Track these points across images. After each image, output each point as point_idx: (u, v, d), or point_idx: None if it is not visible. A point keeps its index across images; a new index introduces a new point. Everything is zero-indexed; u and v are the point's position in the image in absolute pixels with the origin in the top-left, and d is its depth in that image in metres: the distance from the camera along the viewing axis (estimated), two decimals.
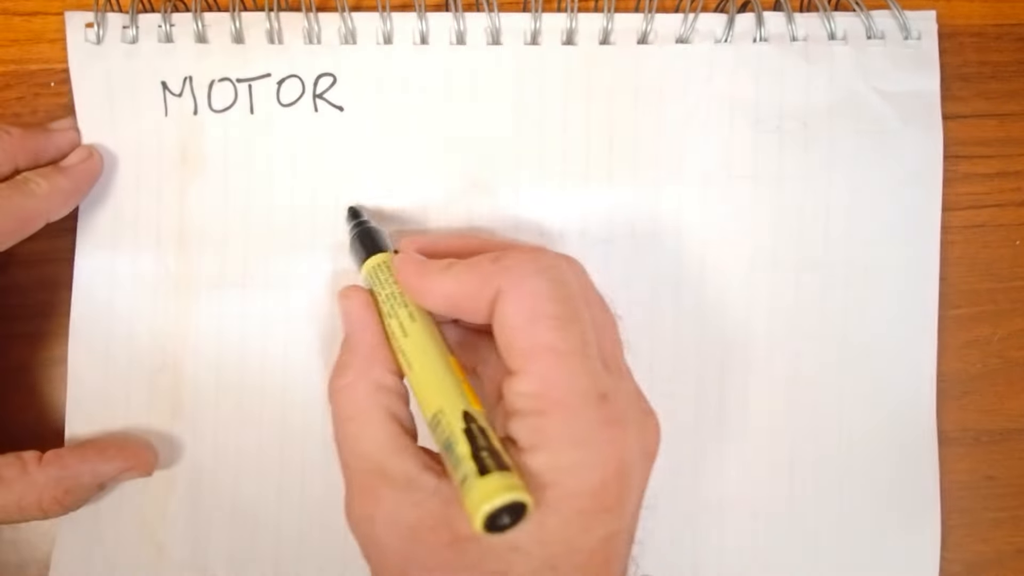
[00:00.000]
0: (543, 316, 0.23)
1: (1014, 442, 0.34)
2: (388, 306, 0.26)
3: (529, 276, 0.24)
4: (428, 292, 0.25)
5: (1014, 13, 0.35)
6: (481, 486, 0.21)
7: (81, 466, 0.29)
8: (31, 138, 0.30)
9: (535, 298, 0.23)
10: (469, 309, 0.24)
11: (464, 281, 0.24)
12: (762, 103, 0.32)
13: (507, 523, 0.21)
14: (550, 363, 0.22)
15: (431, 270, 0.25)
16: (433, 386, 0.24)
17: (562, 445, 0.22)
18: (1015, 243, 0.34)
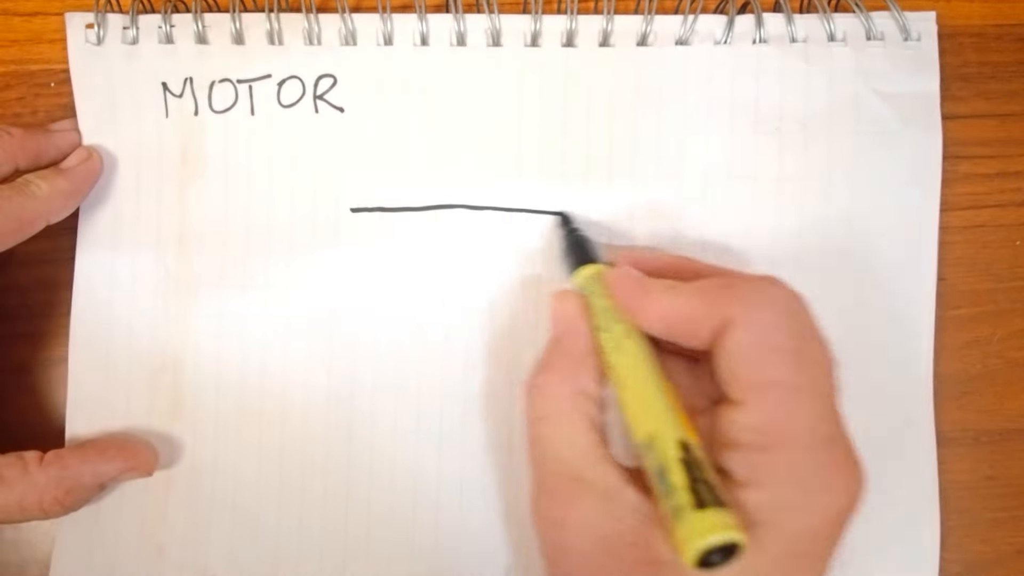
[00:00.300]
0: (776, 349, 0.22)
1: (1014, 442, 0.34)
2: (602, 319, 0.25)
3: (764, 307, 0.23)
4: (646, 312, 0.25)
5: (1014, 13, 0.35)
6: (697, 521, 0.20)
7: (82, 466, 0.29)
8: (32, 139, 0.30)
9: (769, 330, 0.23)
10: (688, 333, 0.24)
11: (689, 305, 0.24)
12: (762, 104, 0.32)
13: (717, 560, 0.20)
14: (780, 399, 0.22)
15: (652, 289, 0.25)
16: (647, 408, 0.23)
17: (785, 485, 0.21)
18: (1015, 243, 0.34)
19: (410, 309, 0.32)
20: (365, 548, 0.31)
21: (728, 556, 0.20)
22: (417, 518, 0.31)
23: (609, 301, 0.26)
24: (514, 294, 0.32)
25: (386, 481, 0.32)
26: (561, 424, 0.24)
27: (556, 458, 0.24)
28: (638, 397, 0.24)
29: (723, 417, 0.23)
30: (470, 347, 0.32)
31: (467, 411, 0.32)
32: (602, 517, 0.23)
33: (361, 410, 0.32)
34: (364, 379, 0.32)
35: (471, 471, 0.32)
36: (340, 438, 0.32)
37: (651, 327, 0.25)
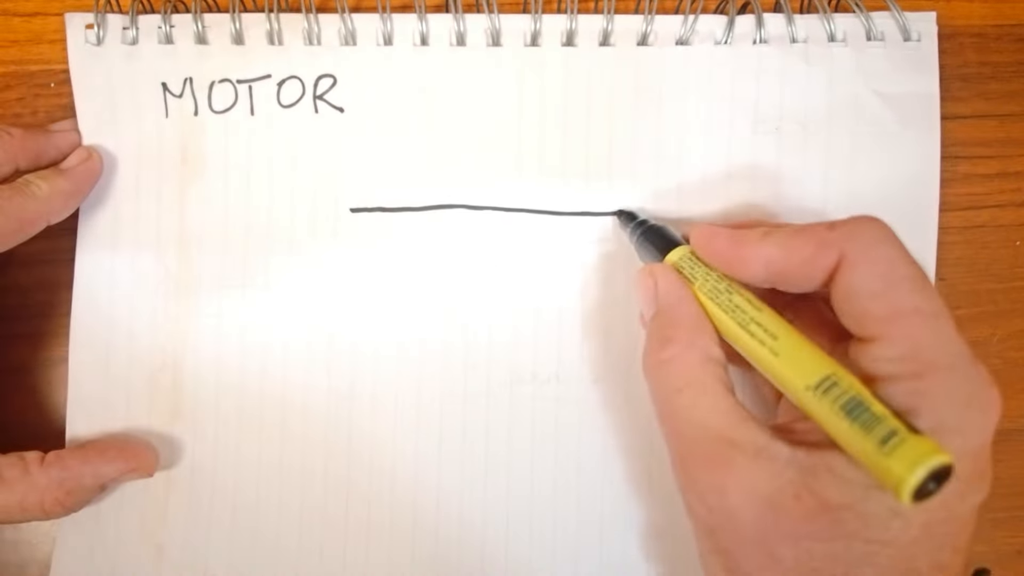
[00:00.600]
0: (901, 278, 0.22)
1: (1014, 442, 0.34)
2: (724, 284, 0.25)
3: (879, 241, 0.23)
4: (748, 260, 0.25)
5: (1014, 13, 0.35)
6: (917, 446, 0.20)
7: (83, 467, 0.29)
8: (32, 139, 0.30)
9: (892, 262, 0.23)
10: (797, 275, 0.24)
11: (794, 247, 0.24)
12: (762, 104, 0.32)
13: (932, 488, 0.20)
14: (919, 325, 0.22)
15: (748, 239, 0.25)
16: (812, 352, 0.23)
17: (947, 406, 0.21)
18: (1015, 244, 0.34)
19: (410, 309, 0.32)
20: (365, 548, 0.31)
21: (940, 484, 0.20)
22: (417, 518, 0.31)
23: (711, 271, 0.26)
24: (514, 293, 0.32)
25: (386, 480, 0.32)
26: (701, 392, 0.24)
27: (703, 425, 0.23)
28: (797, 344, 0.23)
29: (863, 355, 0.23)
30: (470, 347, 0.32)
31: (467, 410, 0.32)
32: (761, 475, 0.22)
33: (361, 410, 0.32)
34: (364, 379, 0.32)
35: (471, 471, 0.32)
36: (340, 438, 0.32)
37: (755, 275, 0.25)
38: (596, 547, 0.31)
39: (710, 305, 0.25)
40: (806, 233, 0.24)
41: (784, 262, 0.24)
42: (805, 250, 0.24)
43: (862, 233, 0.24)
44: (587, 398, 0.32)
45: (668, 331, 0.25)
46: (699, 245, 0.26)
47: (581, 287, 0.32)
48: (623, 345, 0.32)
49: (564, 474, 0.32)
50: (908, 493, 0.19)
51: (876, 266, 0.23)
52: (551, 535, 0.31)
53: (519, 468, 0.32)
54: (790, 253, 0.24)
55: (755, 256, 0.25)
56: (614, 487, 0.32)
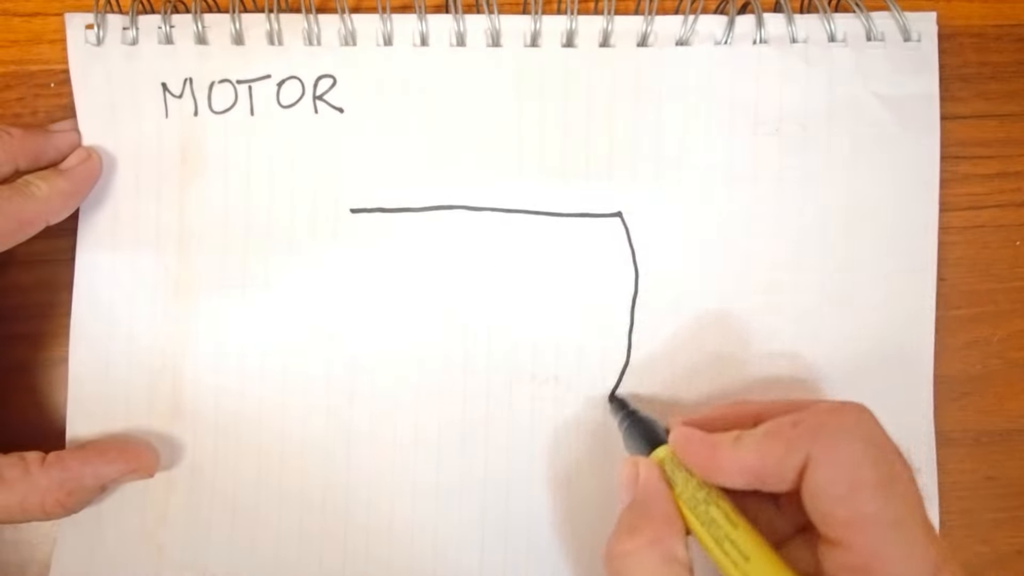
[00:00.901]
0: (864, 485, 0.22)
1: (1014, 443, 0.34)
2: (702, 493, 0.25)
3: (843, 441, 0.23)
4: (723, 467, 0.24)
5: (1014, 14, 0.35)
6: None
7: (83, 468, 0.29)
8: (31, 139, 0.30)
9: (854, 466, 0.22)
10: (772, 479, 0.24)
11: (765, 451, 0.24)
12: (762, 105, 0.32)
13: None
14: (878, 536, 0.22)
15: (722, 444, 0.24)
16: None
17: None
18: (1015, 244, 0.34)
19: (409, 309, 0.32)
20: (365, 548, 0.31)
21: None
22: (416, 519, 0.31)
23: (694, 477, 0.25)
24: (514, 294, 0.32)
25: (385, 481, 0.32)
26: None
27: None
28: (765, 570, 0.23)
29: (827, 558, 0.22)
30: (469, 347, 0.32)
31: (466, 410, 0.32)
32: None
33: (361, 410, 0.32)
34: (363, 378, 0.32)
35: (470, 472, 0.32)
36: (340, 438, 0.32)
37: (731, 480, 0.24)
38: (596, 547, 0.31)
39: (688, 515, 0.25)
40: (774, 434, 0.24)
41: (758, 468, 0.24)
42: (774, 453, 0.23)
43: (825, 430, 0.23)
44: (586, 399, 0.32)
45: (637, 522, 0.25)
46: (677, 449, 0.26)
47: (581, 287, 0.32)
48: (622, 346, 0.32)
49: (562, 473, 0.32)
50: None
51: (838, 469, 0.22)
52: (550, 534, 0.31)
53: (518, 467, 0.32)
54: (762, 457, 0.24)
55: (730, 463, 0.24)
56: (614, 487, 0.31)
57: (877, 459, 0.23)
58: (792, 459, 0.23)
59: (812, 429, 0.23)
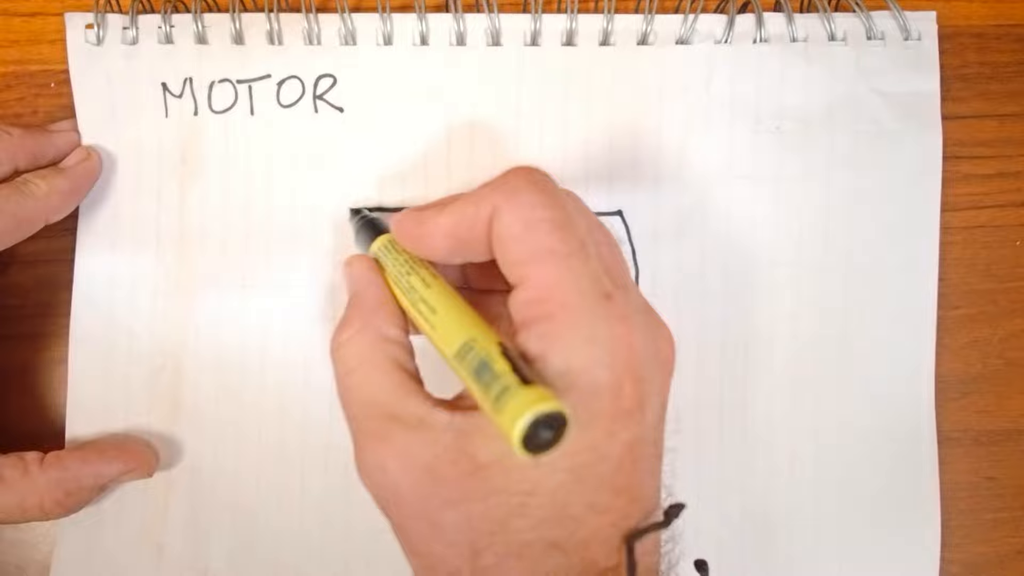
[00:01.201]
0: (539, 221, 0.23)
1: (1014, 442, 0.34)
2: (406, 267, 0.26)
3: (522, 188, 0.23)
4: (430, 235, 0.25)
5: (1014, 14, 0.35)
6: (521, 395, 0.19)
7: (82, 468, 0.29)
8: (31, 138, 0.30)
9: (530, 206, 0.23)
10: (472, 241, 0.24)
11: (461, 211, 0.24)
12: (762, 104, 0.32)
13: (546, 439, 0.20)
14: (550, 266, 0.22)
15: (426, 215, 0.25)
16: (463, 320, 0.23)
17: (572, 345, 0.21)
18: (1015, 243, 0.34)
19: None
20: (366, 548, 0.31)
21: (556, 439, 0.20)
22: None
23: (407, 255, 0.26)
24: None
25: None
26: (368, 371, 0.24)
27: (366, 403, 0.24)
28: (453, 314, 0.23)
29: (511, 303, 0.23)
30: None
31: None
32: (420, 446, 0.22)
33: None
34: None
35: None
36: (340, 438, 0.31)
37: (440, 250, 0.25)
38: None
39: (395, 289, 0.26)
40: (468, 195, 0.24)
41: (456, 229, 0.24)
42: (467, 212, 0.24)
43: (508, 182, 0.24)
44: None
45: (351, 313, 0.25)
46: (393, 228, 0.26)
47: None
48: None
49: None
50: (516, 445, 0.19)
51: (518, 211, 0.23)
52: None
53: None
54: (458, 219, 0.24)
55: (434, 230, 0.25)
56: None
57: (553, 203, 0.23)
58: (481, 212, 0.23)
59: (498, 183, 0.24)
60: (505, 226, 0.23)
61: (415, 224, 0.25)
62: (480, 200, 0.24)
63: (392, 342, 0.24)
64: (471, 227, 0.24)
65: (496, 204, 0.23)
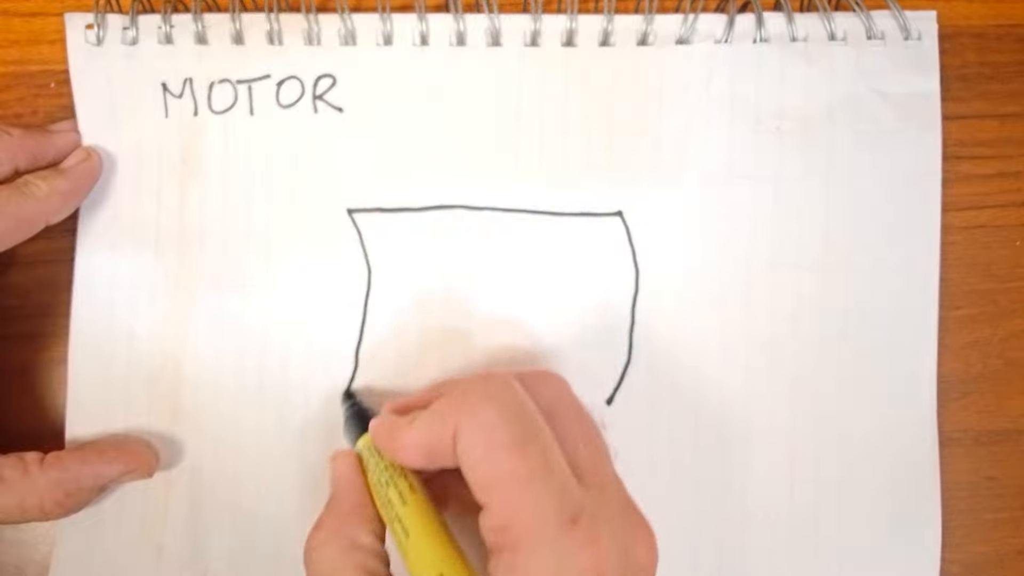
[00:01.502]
0: (498, 445, 0.22)
1: (1015, 443, 0.34)
2: (387, 476, 0.25)
3: (478, 406, 0.23)
4: (401, 447, 0.25)
5: (1014, 14, 0.35)
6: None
7: (82, 468, 0.29)
8: (31, 139, 0.30)
9: (489, 427, 0.23)
10: (441, 454, 0.24)
11: (428, 427, 0.24)
12: (762, 104, 0.32)
13: None
14: (512, 491, 0.22)
15: (400, 426, 0.25)
16: (435, 550, 0.23)
17: None
18: (1015, 244, 0.34)
19: (409, 309, 0.32)
20: None
21: None
22: None
23: (385, 460, 0.26)
24: (513, 294, 0.32)
25: None
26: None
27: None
28: (424, 541, 0.24)
29: (481, 523, 0.23)
30: (469, 347, 0.32)
31: None
32: None
33: None
34: (363, 378, 0.32)
35: None
36: (340, 439, 0.32)
37: (413, 460, 0.25)
38: None
39: (377, 499, 0.26)
40: (436, 410, 0.24)
41: (428, 444, 0.24)
42: (435, 428, 0.24)
43: (467, 400, 0.23)
44: (588, 398, 0.32)
45: (325, 516, 0.26)
46: (372, 433, 0.26)
47: (581, 287, 0.32)
48: (623, 345, 0.32)
49: None
50: None
51: (477, 433, 0.23)
52: None
53: None
54: (428, 434, 0.24)
55: (407, 443, 0.25)
56: None
57: (511, 419, 0.23)
58: (446, 430, 0.23)
59: (458, 399, 0.24)
60: (466, 449, 0.23)
61: (388, 434, 0.25)
62: (443, 418, 0.24)
63: (364, 550, 0.24)
64: (438, 442, 0.24)
65: (456, 423, 0.23)
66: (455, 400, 0.24)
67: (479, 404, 0.23)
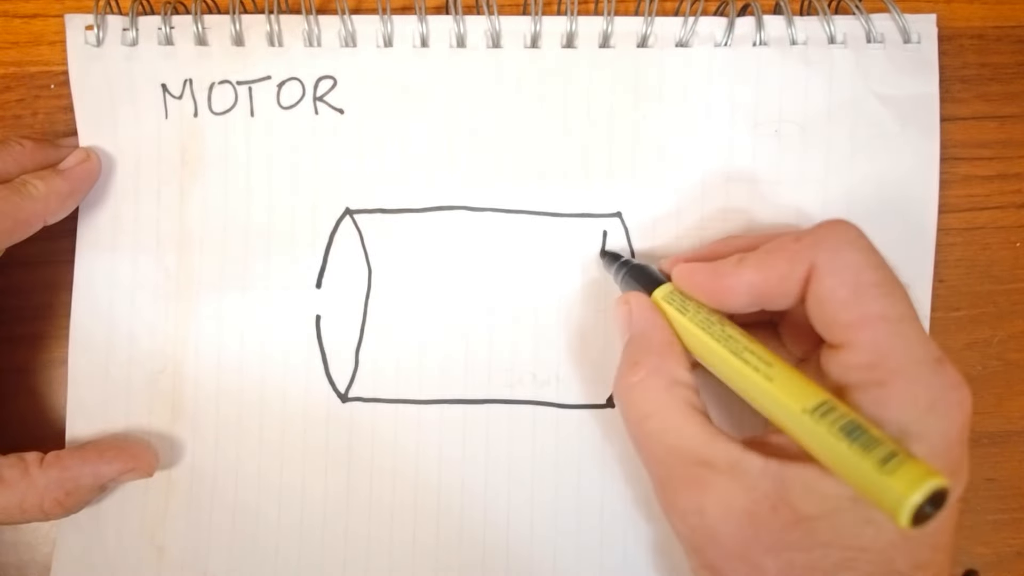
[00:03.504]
0: (867, 285, 0.23)
1: (1014, 444, 0.34)
2: (715, 317, 0.26)
3: (843, 248, 0.24)
4: (731, 289, 0.25)
5: (1014, 15, 0.35)
6: (917, 466, 0.20)
7: (82, 468, 0.29)
8: (41, 151, 0.30)
9: (857, 269, 0.23)
10: (777, 294, 0.24)
11: (769, 266, 0.24)
12: (761, 106, 0.32)
13: (929, 512, 0.20)
14: (883, 332, 0.22)
15: (725, 269, 0.25)
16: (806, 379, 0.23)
17: (910, 412, 0.22)
18: (1015, 245, 0.34)
19: (409, 310, 0.32)
20: (366, 548, 0.31)
21: (936, 508, 0.20)
22: (418, 519, 0.31)
23: (700, 305, 0.26)
24: (514, 294, 0.32)
25: (387, 481, 0.32)
26: (666, 417, 0.24)
27: (673, 449, 0.24)
28: (789, 372, 0.23)
29: (831, 362, 0.23)
30: (470, 348, 0.32)
31: (467, 411, 0.32)
32: (737, 491, 0.23)
33: (361, 410, 0.32)
34: (364, 378, 0.32)
35: (472, 471, 0.32)
36: (340, 438, 0.32)
37: (739, 302, 0.25)
38: (596, 549, 0.31)
39: (702, 335, 0.25)
40: (776, 250, 0.25)
41: (763, 284, 0.25)
42: (778, 268, 0.24)
43: (828, 240, 0.24)
44: (586, 399, 0.32)
45: (637, 356, 0.26)
46: (682, 281, 0.27)
47: (581, 288, 0.32)
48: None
49: (564, 475, 0.32)
50: (908, 515, 0.19)
51: (843, 273, 0.23)
52: (552, 539, 0.31)
53: (519, 469, 0.32)
54: (766, 274, 0.24)
55: (736, 284, 0.25)
56: (615, 488, 0.31)
57: (877, 264, 0.24)
58: (796, 270, 0.24)
59: (815, 240, 0.24)
60: (828, 289, 0.23)
61: (711, 277, 0.25)
62: (795, 257, 0.24)
63: (685, 386, 0.25)
64: (780, 283, 0.24)
65: (815, 263, 0.23)
66: (809, 240, 0.24)
67: (843, 246, 0.24)
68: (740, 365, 0.24)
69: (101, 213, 0.31)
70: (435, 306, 0.32)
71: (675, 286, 0.27)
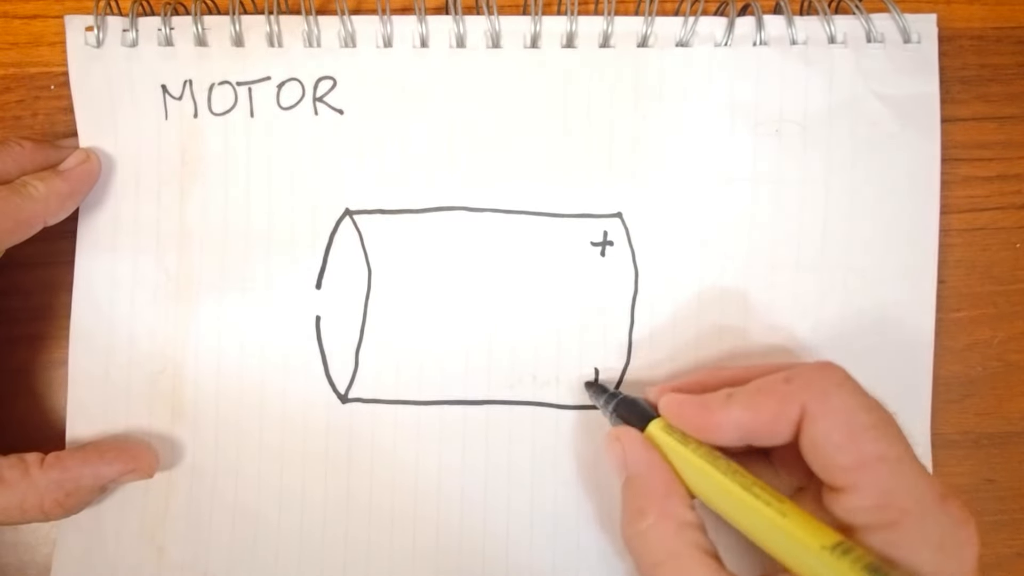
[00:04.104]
0: (862, 427, 0.23)
1: (1014, 445, 0.34)
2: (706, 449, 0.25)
3: (833, 391, 0.24)
4: (719, 425, 0.25)
5: (1014, 16, 0.35)
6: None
7: (82, 469, 0.29)
8: (41, 153, 0.30)
9: (848, 411, 0.23)
10: (767, 433, 0.24)
11: (758, 406, 0.24)
12: (762, 106, 0.32)
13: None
14: (885, 473, 0.23)
15: (714, 404, 0.25)
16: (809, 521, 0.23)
17: (922, 553, 0.22)
18: (1015, 246, 0.34)
19: (409, 310, 0.32)
20: (366, 550, 0.31)
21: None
22: (418, 521, 0.31)
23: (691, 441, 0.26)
24: (514, 295, 0.32)
25: (387, 482, 0.32)
26: (679, 564, 0.24)
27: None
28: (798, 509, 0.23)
29: (836, 504, 0.23)
30: (470, 348, 0.32)
31: (467, 411, 0.32)
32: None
33: (361, 411, 0.32)
34: (364, 378, 0.32)
35: (472, 472, 0.32)
36: (341, 439, 0.32)
37: (727, 438, 0.25)
38: (596, 549, 0.31)
39: (709, 468, 0.25)
40: (766, 390, 0.25)
41: (752, 423, 0.25)
42: (768, 408, 0.24)
43: (818, 383, 0.24)
44: (586, 400, 0.32)
45: (640, 501, 0.25)
46: (669, 414, 0.26)
47: (581, 288, 0.32)
48: (623, 346, 0.32)
49: (564, 475, 0.32)
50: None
51: (836, 417, 0.23)
52: (551, 538, 0.31)
53: (519, 470, 0.32)
54: (756, 413, 0.25)
55: (724, 421, 0.25)
56: (615, 487, 0.31)
57: (869, 405, 0.24)
58: (787, 412, 0.24)
59: (805, 383, 0.24)
60: (823, 433, 0.23)
61: (700, 412, 0.25)
62: (785, 399, 0.24)
63: (693, 527, 0.25)
64: (770, 423, 0.24)
65: (806, 406, 0.24)
66: (801, 383, 0.24)
67: (832, 389, 0.24)
68: (751, 500, 0.24)
69: (101, 214, 0.31)
70: (435, 307, 0.32)
71: (665, 421, 0.27)
